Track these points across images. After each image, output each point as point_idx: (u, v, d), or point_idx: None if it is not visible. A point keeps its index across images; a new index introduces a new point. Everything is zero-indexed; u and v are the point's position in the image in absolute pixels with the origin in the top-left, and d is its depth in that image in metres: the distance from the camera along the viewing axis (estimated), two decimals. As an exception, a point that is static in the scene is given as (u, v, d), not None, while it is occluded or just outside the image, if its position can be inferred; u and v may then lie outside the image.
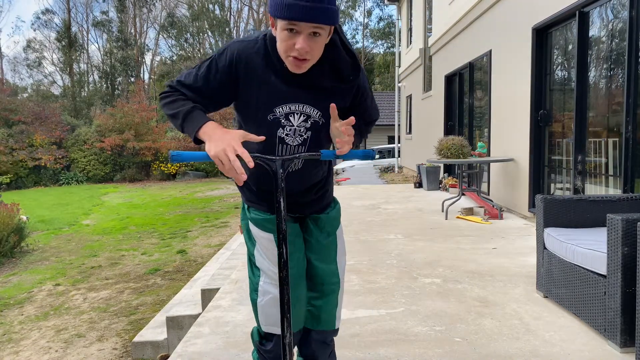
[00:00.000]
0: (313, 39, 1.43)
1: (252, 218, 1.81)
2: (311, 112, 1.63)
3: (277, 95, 1.58)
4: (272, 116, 1.60)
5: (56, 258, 8.14)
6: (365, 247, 4.75)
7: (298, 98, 1.60)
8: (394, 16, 36.88)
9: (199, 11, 34.16)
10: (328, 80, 1.60)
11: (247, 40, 1.59)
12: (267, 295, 1.79)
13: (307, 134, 1.65)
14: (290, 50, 1.44)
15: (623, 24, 4.20)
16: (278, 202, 1.50)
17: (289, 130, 1.63)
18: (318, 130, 1.66)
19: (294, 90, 1.58)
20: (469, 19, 8.19)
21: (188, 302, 4.15)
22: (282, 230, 1.51)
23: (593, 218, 3.08)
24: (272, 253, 1.77)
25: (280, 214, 1.50)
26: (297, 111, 1.61)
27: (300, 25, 1.39)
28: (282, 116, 1.61)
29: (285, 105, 1.60)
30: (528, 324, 2.79)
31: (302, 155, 1.55)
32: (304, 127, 1.64)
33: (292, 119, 1.62)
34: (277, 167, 1.50)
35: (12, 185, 19.85)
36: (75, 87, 32.35)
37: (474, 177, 8.01)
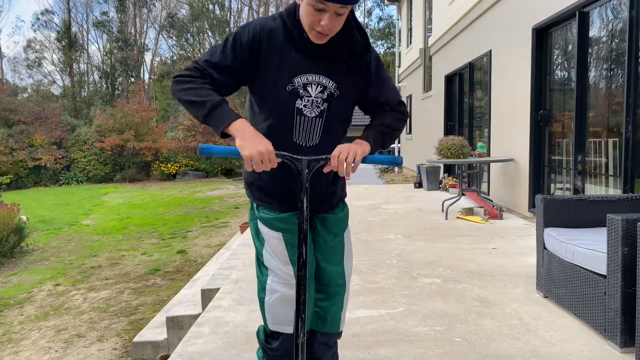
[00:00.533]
0: (336, 17, 1.56)
1: (262, 217, 1.82)
2: (327, 83, 1.72)
3: (296, 67, 1.68)
4: (290, 87, 1.69)
5: (56, 258, 8.14)
6: (365, 247, 4.75)
7: (315, 69, 1.69)
8: (394, 16, 36.87)
9: (199, 11, 34.15)
10: (342, 54, 1.71)
11: (266, 18, 1.72)
12: (274, 294, 1.80)
13: (323, 105, 1.73)
14: (316, 25, 1.57)
15: (623, 24, 4.20)
16: (301, 202, 1.54)
17: (306, 102, 1.71)
18: (334, 103, 1.74)
19: (312, 62, 1.69)
20: (469, 19, 8.19)
21: (188, 302, 4.14)
22: (303, 230, 1.53)
23: (593, 218, 3.08)
24: (281, 252, 1.79)
25: (303, 213, 1.53)
26: (314, 82, 1.70)
27: (329, 5, 1.52)
28: (301, 86, 1.69)
29: (303, 75, 1.69)
30: (528, 324, 2.79)
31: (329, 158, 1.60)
32: (320, 98, 1.72)
33: (310, 90, 1.70)
34: (302, 167, 1.56)
35: (12, 186, 19.84)
36: (75, 87, 32.34)
37: (474, 177, 8.01)
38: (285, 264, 1.79)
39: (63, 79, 34.71)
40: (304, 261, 1.52)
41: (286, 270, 1.79)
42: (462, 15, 8.55)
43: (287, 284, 1.79)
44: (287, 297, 1.79)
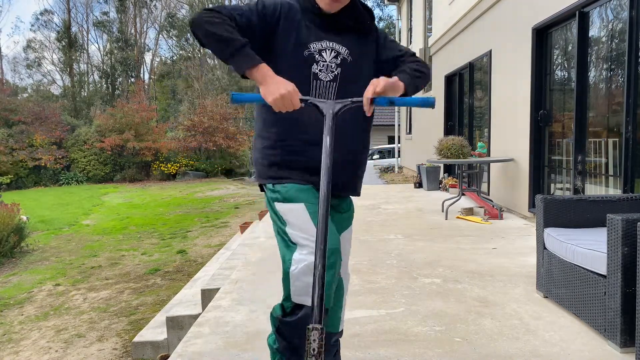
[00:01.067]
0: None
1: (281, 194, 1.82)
2: (340, 49, 1.87)
3: (312, 34, 1.84)
4: (307, 52, 1.83)
5: (56, 258, 8.14)
6: (365, 247, 4.75)
7: (329, 36, 1.87)
8: (394, 16, 36.84)
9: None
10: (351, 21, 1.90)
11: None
12: (302, 263, 1.73)
13: (337, 70, 1.87)
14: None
15: (623, 24, 4.20)
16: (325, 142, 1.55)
17: (321, 66, 1.85)
18: (346, 68, 1.88)
19: (326, 30, 1.86)
20: (469, 19, 8.19)
21: (188, 302, 4.15)
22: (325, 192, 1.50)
23: (593, 218, 3.08)
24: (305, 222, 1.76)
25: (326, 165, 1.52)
26: (328, 47, 1.86)
27: None
28: (316, 52, 1.84)
29: (318, 42, 1.85)
30: (528, 324, 2.79)
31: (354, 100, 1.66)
32: (334, 63, 1.87)
33: (325, 55, 1.85)
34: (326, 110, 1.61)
35: (12, 186, 19.84)
36: (75, 87, 32.34)
37: (474, 177, 8.01)
38: (312, 233, 1.74)
39: (63, 79, 34.73)
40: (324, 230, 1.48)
41: (313, 239, 1.73)
42: (462, 15, 8.55)
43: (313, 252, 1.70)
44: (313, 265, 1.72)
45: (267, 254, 4.54)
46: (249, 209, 12.46)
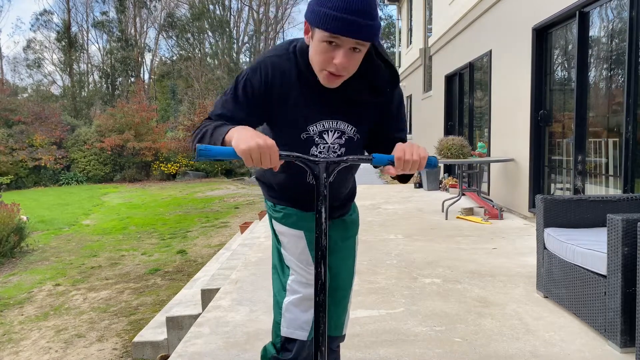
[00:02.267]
0: (352, 54, 1.35)
1: (280, 215, 1.72)
2: (345, 128, 1.56)
3: (311, 113, 1.52)
4: (305, 135, 1.54)
5: (56, 258, 8.14)
6: (365, 247, 4.75)
7: (332, 114, 1.53)
8: (394, 16, 36.88)
9: (200, 11, 34.16)
10: (364, 94, 1.52)
11: (279, 55, 1.51)
12: (295, 294, 1.68)
13: (340, 150, 1.59)
14: (327, 65, 1.36)
15: (623, 24, 4.20)
16: (319, 211, 1.32)
17: (322, 148, 1.56)
18: (352, 147, 1.59)
19: (328, 106, 1.51)
20: (469, 19, 8.19)
21: (188, 302, 4.14)
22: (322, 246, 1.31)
23: (593, 218, 3.08)
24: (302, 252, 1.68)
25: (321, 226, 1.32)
26: (332, 128, 1.55)
27: (342, 40, 1.31)
28: (316, 134, 1.54)
29: (319, 122, 1.53)
30: (528, 324, 2.79)
31: (351, 159, 1.38)
32: (338, 143, 1.57)
33: (326, 137, 1.55)
34: (320, 171, 1.34)
35: (12, 185, 19.83)
36: (75, 87, 32.34)
37: (474, 177, 8.01)
38: (307, 264, 1.67)
39: (63, 79, 34.72)
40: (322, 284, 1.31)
41: (308, 271, 1.68)
42: (462, 15, 8.55)
43: (309, 284, 1.67)
44: (307, 297, 1.68)
45: (267, 254, 4.54)
46: (249, 209, 12.46)
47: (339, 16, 1.27)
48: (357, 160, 1.39)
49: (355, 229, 1.89)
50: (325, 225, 1.32)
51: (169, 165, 22.29)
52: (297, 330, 1.70)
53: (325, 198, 1.33)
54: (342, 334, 1.96)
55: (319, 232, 1.33)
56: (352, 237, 1.88)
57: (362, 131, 1.59)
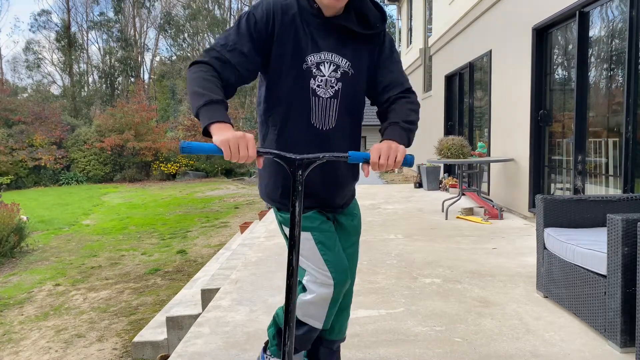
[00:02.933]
0: None
1: (285, 219, 1.77)
2: (340, 61, 1.66)
3: (308, 44, 1.62)
4: (304, 65, 1.63)
5: (56, 258, 8.14)
6: (365, 247, 4.75)
7: (328, 47, 1.64)
8: (394, 16, 36.82)
9: (197, 11, 34.13)
10: (355, 26, 1.65)
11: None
12: (311, 294, 1.74)
13: (337, 85, 1.67)
14: None
15: (623, 24, 4.20)
16: (293, 206, 1.39)
17: (320, 81, 1.65)
18: (348, 82, 1.68)
19: (324, 39, 1.63)
20: (469, 19, 8.19)
21: (188, 302, 4.14)
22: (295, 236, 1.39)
23: (593, 218, 3.08)
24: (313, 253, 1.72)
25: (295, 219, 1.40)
26: (327, 60, 1.65)
27: None
28: (314, 65, 1.64)
29: (315, 54, 1.63)
30: (528, 324, 2.79)
31: (327, 157, 1.44)
32: (334, 77, 1.66)
33: (323, 69, 1.64)
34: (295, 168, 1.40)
35: (12, 185, 19.84)
36: (75, 87, 32.34)
37: (474, 177, 8.01)
38: (319, 264, 1.72)
39: (63, 79, 34.72)
40: (293, 269, 1.41)
41: (322, 271, 1.72)
42: (462, 15, 8.55)
43: (324, 284, 1.72)
44: (322, 296, 1.73)
45: (267, 254, 4.54)
46: (249, 209, 12.46)
47: None
48: (333, 158, 1.44)
49: (357, 235, 1.95)
50: (298, 218, 1.40)
51: (169, 165, 22.29)
52: (311, 319, 1.78)
53: (299, 193, 1.39)
54: (344, 336, 2.04)
55: (292, 224, 1.40)
56: (355, 243, 1.93)
57: (357, 68, 1.69)
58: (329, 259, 1.71)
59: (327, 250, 1.71)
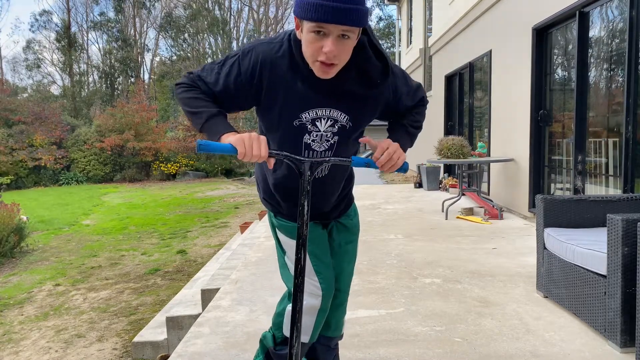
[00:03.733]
0: (342, 42, 1.34)
1: (281, 225, 1.78)
2: (338, 116, 1.56)
3: (303, 101, 1.51)
4: (297, 122, 1.54)
5: (56, 258, 8.14)
6: (365, 247, 4.75)
7: (325, 103, 1.53)
8: (394, 16, 36.87)
9: (197, 11, 34.12)
10: (356, 85, 1.53)
11: (273, 42, 1.51)
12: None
13: (334, 138, 1.59)
14: (318, 54, 1.36)
15: (623, 24, 4.20)
16: (302, 205, 1.43)
17: (315, 136, 1.57)
18: (345, 135, 1.60)
19: (321, 95, 1.51)
20: (469, 19, 8.19)
21: (188, 302, 4.15)
22: (303, 235, 1.43)
23: (593, 218, 3.08)
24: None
25: (303, 217, 1.43)
26: (324, 116, 1.55)
27: (329, 27, 1.31)
28: (309, 122, 1.54)
29: (311, 110, 1.53)
30: (528, 324, 2.79)
31: (332, 160, 1.47)
32: (330, 132, 1.58)
33: (319, 124, 1.56)
34: (305, 169, 1.44)
35: (12, 185, 19.84)
36: (75, 87, 32.34)
37: (474, 177, 8.01)
38: (310, 274, 1.72)
39: (63, 79, 34.72)
40: (302, 267, 1.43)
41: (312, 281, 1.73)
42: (462, 15, 8.55)
43: (312, 294, 1.74)
44: (310, 307, 1.75)
45: (267, 254, 4.54)
46: (249, 209, 12.46)
47: (323, 4, 1.27)
48: (337, 161, 1.46)
49: (357, 233, 1.96)
50: (307, 216, 1.42)
51: (169, 165, 22.29)
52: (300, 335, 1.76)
53: (308, 193, 1.43)
54: (341, 334, 2.04)
55: (301, 222, 1.43)
56: (355, 240, 1.95)
57: (357, 120, 1.59)
58: (320, 270, 1.74)
59: (318, 261, 1.74)
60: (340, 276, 1.90)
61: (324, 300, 1.74)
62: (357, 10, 1.30)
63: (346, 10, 1.28)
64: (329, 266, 1.78)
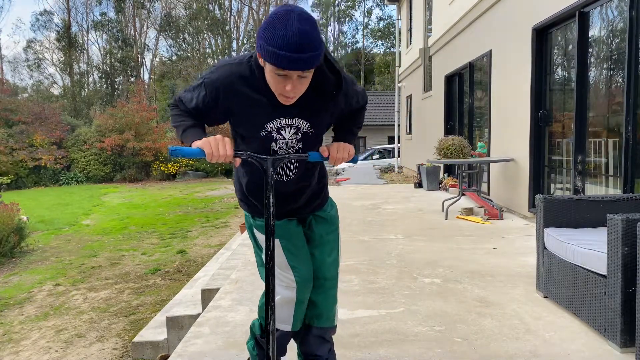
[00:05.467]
0: (300, 80, 1.53)
1: (257, 225, 1.93)
2: (300, 124, 1.73)
3: (267, 113, 1.68)
4: (264, 132, 1.71)
5: (56, 258, 8.14)
6: (365, 247, 4.75)
7: (287, 112, 1.69)
8: (394, 16, 36.87)
9: (197, 11, 34.11)
10: (314, 98, 1.70)
11: (234, 63, 1.68)
12: (277, 296, 1.87)
13: (298, 145, 1.76)
14: (282, 90, 1.55)
15: (623, 24, 4.20)
16: (267, 197, 1.62)
17: (281, 144, 1.74)
18: (308, 141, 1.77)
19: (283, 107, 1.66)
20: (469, 19, 8.19)
21: (188, 302, 4.15)
22: (270, 225, 1.63)
23: (593, 218, 3.08)
24: (280, 258, 1.87)
25: (269, 209, 1.63)
26: (288, 125, 1.72)
27: (290, 72, 1.48)
28: (274, 131, 1.71)
29: (275, 120, 1.70)
30: (528, 324, 2.79)
31: (292, 156, 1.67)
32: (295, 138, 1.75)
33: (284, 133, 1.73)
34: (267, 165, 1.63)
35: (12, 185, 19.84)
36: (75, 87, 32.34)
37: (474, 177, 8.01)
38: (285, 269, 1.87)
39: (63, 79, 34.72)
40: (271, 254, 1.63)
41: (287, 275, 1.88)
42: (462, 15, 8.55)
43: (288, 287, 1.89)
44: (287, 299, 1.89)
45: (267, 254, 4.54)
46: (249, 209, 12.44)
47: (284, 55, 1.43)
48: (296, 157, 1.67)
49: (336, 223, 2.08)
50: (273, 208, 1.63)
51: (169, 165, 22.30)
52: (280, 324, 1.92)
53: (272, 187, 1.63)
54: (334, 324, 2.07)
55: (267, 214, 1.63)
56: (335, 230, 2.05)
57: (318, 126, 1.77)
58: (295, 264, 1.88)
59: (292, 256, 1.88)
60: (323, 265, 1.98)
61: (298, 292, 1.89)
62: (312, 58, 1.46)
63: (303, 60, 1.44)
64: (304, 260, 1.91)
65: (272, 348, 1.63)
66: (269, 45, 1.44)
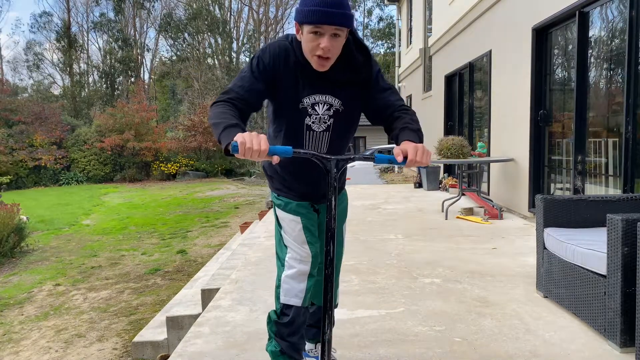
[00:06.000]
0: (334, 39, 1.72)
1: (282, 203, 2.07)
2: (333, 101, 1.91)
3: (305, 88, 1.87)
4: (300, 105, 1.89)
5: (56, 258, 8.14)
6: (365, 247, 4.75)
7: (321, 90, 1.89)
8: (394, 16, 36.86)
9: (197, 11, 34.09)
10: (345, 74, 1.88)
11: (279, 41, 1.90)
12: (292, 269, 2.03)
13: (330, 120, 1.94)
14: (316, 50, 1.73)
15: (623, 24, 4.20)
16: (329, 200, 1.62)
17: (315, 119, 1.92)
18: (339, 118, 1.95)
19: (318, 83, 1.87)
20: (469, 19, 8.19)
21: (188, 302, 4.15)
22: (331, 228, 1.62)
23: (593, 218, 3.08)
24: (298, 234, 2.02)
25: (331, 212, 1.63)
26: (321, 101, 1.90)
27: (324, 28, 1.69)
28: (309, 106, 1.90)
29: (311, 96, 1.89)
30: (528, 324, 2.79)
31: (357, 157, 1.70)
32: (327, 115, 1.93)
33: (317, 108, 1.91)
34: (331, 166, 1.64)
35: (12, 185, 19.84)
36: (75, 87, 32.33)
37: (474, 177, 8.01)
38: (302, 243, 2.02)
39: (63, 79, 34.71)
40: (331, 259, 1.61)
41: (302, 249, 2.02)
42: (462, 15, 8.55)
43: (303, 260, 2.03)
44: (301, 271, 2.02)
45: (267, 254, 4.54)
46: (249, 209, 12.46)
47: (319, 10, 1.66)
48: (362, 159, 1.69)
49: (346, 215, 2.29)
50: (334, 211, 1.64)
51: (169, 165, 22.30)
52: (292, 298, 2.03)
53: (335, 189, 1.62)
54: (336, 304, 2.33)
55: (329, 216, 1.63)
56: (343, 222, 2.25)
57: (349, 105, 1.93)
58: (310, 240, 2.04)
59: (309, 234, 2.04)
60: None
61: (312, 265, 2.03)
62: (345, 14, 1.69)
63: (336, 14, 1.67)
64: (317, 239, 2.07)
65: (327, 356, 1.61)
66: (306, 6, 1.67)
